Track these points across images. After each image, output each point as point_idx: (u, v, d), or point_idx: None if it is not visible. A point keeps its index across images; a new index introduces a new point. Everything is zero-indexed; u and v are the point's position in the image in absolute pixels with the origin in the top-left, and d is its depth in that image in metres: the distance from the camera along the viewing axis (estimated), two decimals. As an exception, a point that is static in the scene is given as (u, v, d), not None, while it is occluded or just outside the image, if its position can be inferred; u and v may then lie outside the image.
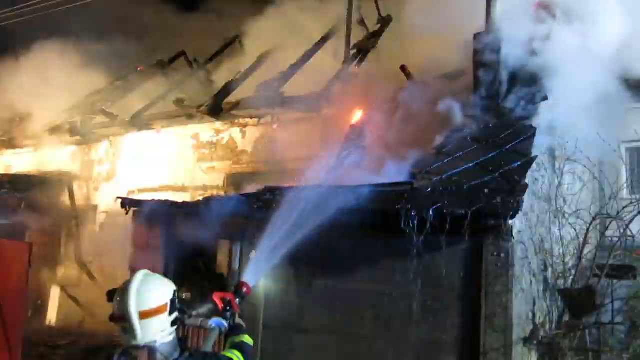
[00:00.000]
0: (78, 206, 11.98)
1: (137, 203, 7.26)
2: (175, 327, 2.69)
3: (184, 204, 6.81)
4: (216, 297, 3.30)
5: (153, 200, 7.23)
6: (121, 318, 2.59)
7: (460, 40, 6.33)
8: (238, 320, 3.29)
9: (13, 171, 14.09)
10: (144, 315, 2.57)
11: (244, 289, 3.45)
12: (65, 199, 11.97)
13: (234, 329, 3.19)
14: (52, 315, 11.29)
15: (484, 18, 6.31)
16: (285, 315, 5.86)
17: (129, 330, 2.57)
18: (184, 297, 6.87)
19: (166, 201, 7.08)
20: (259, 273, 3.69)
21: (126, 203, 7.27)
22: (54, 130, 13.36)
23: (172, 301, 2.67)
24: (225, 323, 3.18)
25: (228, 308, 3.25)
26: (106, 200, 11.83)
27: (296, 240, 4.18)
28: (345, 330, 5.57)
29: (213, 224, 6.27)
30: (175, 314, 2.69)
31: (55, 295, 11.36)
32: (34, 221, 12.50)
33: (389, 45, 7.41)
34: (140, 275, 2.69)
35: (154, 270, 2.78)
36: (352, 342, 5.51)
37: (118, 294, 2.64)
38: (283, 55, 10.48)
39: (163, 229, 7.01)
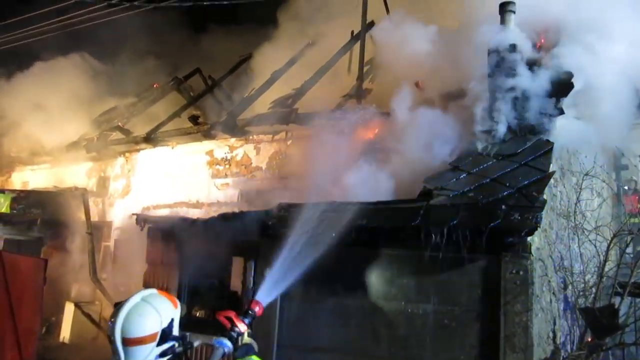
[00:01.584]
0: (93, 222, 12.03)
1: (151, 219, 7.28)
2: (167, 357, 2.59)
3: (198, 220, 6.79)
4: (220, 316, 3.20)
5: (167, 216, 7.26)
6: (109, 340, 2.56)
7: (474, 54, 6.28)
8: (248, 339, 3.17)
9: (30, 187, 14.25)
10: (128, 342, 2.51)
11: (256, 308, 3.32)
12: (80, 215, 12.04)
13: (242, 350, 3.07)
14: (65, 332, 11.28)
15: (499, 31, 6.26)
16: (300, 334, 5.78)
17: (115, 353, 2.54)
18: (197, 314, 6.84)
19: (180, 217, 7.08)
20: (273, 292, 3.57)
21: (141, 219, 7.30)
22: (71, 146, 13.53)
23: (165, 331, 2.58)
24: (228, 344, 3.04)
25: (235, 328, 3.13)
26: (121, 216, 11.89)
27: (311, 258, 4.10)
28: (360, 349, 5.47)
29: (227, 241, 6.25)
30: (168, 344, 2.59)
31: (69, 311, 11.36)
32: (49, 237, 12.60)
33: (403, 59, 7.38)
34: (138, 297, 2.62)
35: (168, 288, 2.73)
36: (368, 362, 5.41)
37: (111, 315, 2.60)
38: (297, 71, 10.52)
39: (177, 246, 7.01)
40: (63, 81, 14.78)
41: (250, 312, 3.28)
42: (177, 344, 2.65)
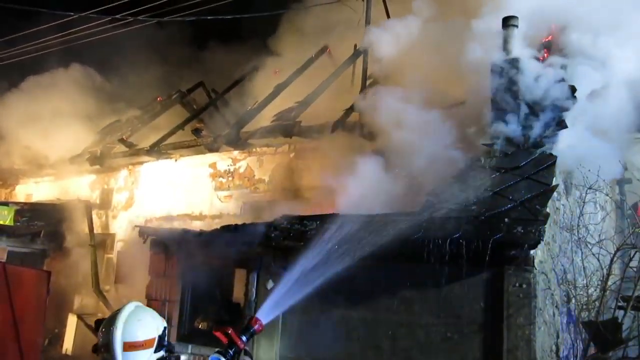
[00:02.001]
0: (96, 234, 12.06)
1: (155, 231, 7.30)
2: None
3: (201, 232, 6.82)
4: (218, 332, 3.14)
5: (170, 228, 7.28)
6: (105, 348, 2.50)
7: (476, 67, 6.33)
8: (245, 358, 3.11)
9: (33, 199, 14.30)
10: (129, 347, 2.48)
11: (256, 326, 3.20)
12: (84, 227, 12.07)
13: None
14: (68, 344, 11.25)
15: (501, 47, 6.32)
16: (302, 345, 5.77)
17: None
18: (200, 326, 6.83)
19: (183, 230, 7.11)
20: (275, 310, 3.50)
21: (144, 231, 7.32)
22: (74, 159, 13.59)
23: (161, 337, 2.58)
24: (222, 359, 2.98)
25: (232, 344, 3.05)
26: (124, 228, 11.92)
27: (314, 278, 4.06)
28: (362, 362, 5.46)
29: (230, 253, 6.26)
30: (161, 353, 2.59)
31: (72, 323, 11.34)
32: (53, 249, 12.63)
33: (407, 72, 7.44)
34: (132, 305, 2.62)
35: (170, 299, 2.74)
36: (370, 375, 5.39)
37: (104, 324, 2.56)
38: (300, 84, 10.59)
39: (180, 258, 7.02)
40: (67, 95, 14.90)
41: (249, 329, 3.20)
42: (170, 352, 2.67)
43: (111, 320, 2.55)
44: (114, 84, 15.08)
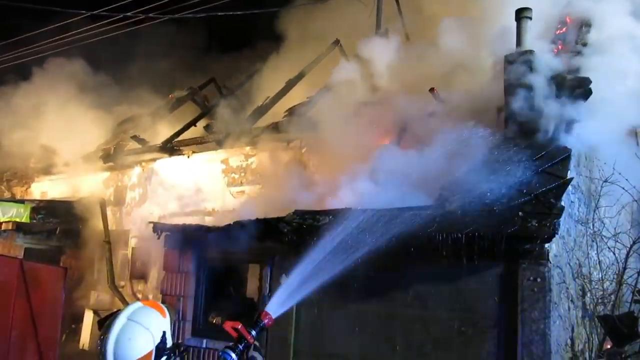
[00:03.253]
0: (111, 231, 12.17)
1: (168, 228, 7.34)
2: None
3: (214, 228, 6.84)
4: (227, 327, 3.09)
5: (184, 224, 7.31)
6: None
7: (490, 60, 6.28)
8: (253, 353, 3.05)
9: (48, 197, 14.46)
10: None
11: (266, 320, 3.16)
12: (98, 223, 12.19)
13: None
14: (85, 339, 11.40)
15: (515, 38, 6.26)
16: (316, 340, 5.79)
17: None
18: (214, 322, 6.88)
19: (197, 225, 7.14)
20: (285, 304, 3.46)
21: (157, 228, 7.36)
22: (88, 156, 13.71)
23: (159, 346, 2.49)
24: (233, 355, 2.94)
25: (242, 339, 3.01)
26: (138, 224, 12.00)
27: (325, 272, 4.04)
28: (376, 356, 5.47)
29: (243, 248, 6.29)
30: (164, 359, 2.52)
31: (88, 319, 11.49)
32: (68, 246, 12.77)
33: (419, 66, 7.41)
34: (124, 318, 2.48)
35: (185, 295, 2.67)
36: (384, 369, 5.40)
37: (100, 337, 2.47)
38: (312, 79, 10.58)
39: (194, 254, 7.07)
40: (79, 92, 15.03)
41: (259, 323, 3.15)
42: (173, 355, 2.58)
43: (103, 338, 2.44)
44: (125, 81, 15.17)
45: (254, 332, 3.08)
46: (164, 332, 2.54)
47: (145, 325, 2.48)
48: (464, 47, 6.80)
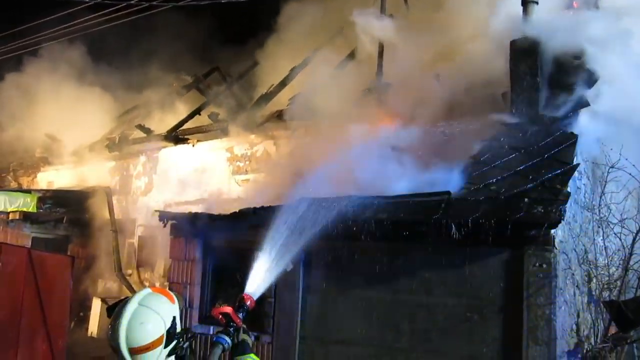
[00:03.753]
0: (117, 220, 12.24)
1: (174, 216, 7.36)
2: (174, 355, 2.56)
3: (220, 216, 6.87)
4: (216, 312, 3.14)
5: (189, 213, 7.33)
6: (114, 350, 2.49)
7: (496, 46, 6.23)
8: (243, 335, 3.09)
9: (55, 187, 14.53)
10: (135, 351, 2.46)
11: (248, 302, 3.23)
12: (105, 212, 12.26)
13: (238, 347, 3.01)
14: (93, 327, 11.51)
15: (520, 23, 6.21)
16: (322, 327, 5.83)
17: None
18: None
19: (202, 214, 7.16)
20: (262, 284, 3.49)
21: (163, 216, 7.38)
22: (93, 146, 13.76)
23: (169, 331, 2.53)
24: (227, 339, 2.99)
25: (231, 323, 3.06)
26: (144, 213, 12.06)
27: (300, 248, 4.04)
28: (382, 342, 5.50)
29: (249, 236, 6.30)
30: (174, 343, 2.55)
31: (96, 307, 11.60)
32: (75, 235, 12.87)
33: (423, 52, 7.35)
34: (134, 303, 2.53)
35: (191, 283, 2.69)
36: (389, 355, 5.44)
37: (110, 323, 2.52)
38: (316, 66, 10.53)
39: (200, 242, 7.10)
40: (84, 82, 15.04)
41: (243, 306, 3.21)
42: (182, 340, 2.61)
43: (115, 323, 2.48)
44: (130, 70, 15.16)
45: (240, 316, 3.14)
46: (174, 317, 2.59)
47: (156, 310, 2.53)
48: (470, 32, 6.74)
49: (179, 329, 2.60)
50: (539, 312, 4.78)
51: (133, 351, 2.46)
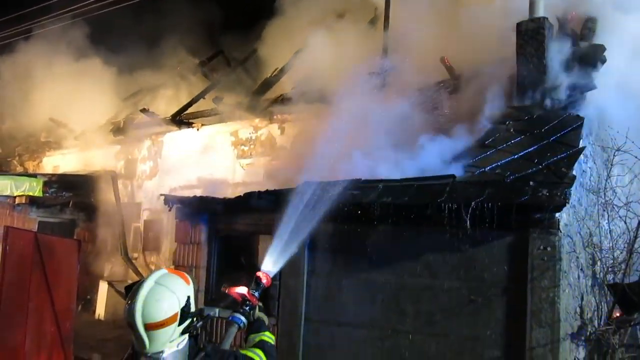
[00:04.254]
0: (123, 203, 12.31)
1: (179, 200, 7.39)
2: (188, 333, 2.60)
3: (225, 200, 6.89)
4: (232, 292, 3.17)
5: (194, 197, 7.35)
6: (130, 326, 2.55)
7: (503, 29, 6.17)
8: (259, 314, 3.13)
9: (60, 171, 14.59)
10: (150, 327, 2.51)
11: (264, 280, 3.26)
12: (110, 196, 12.32)
13: (254, 325, 3.06)
14: (100, 310, 11.64)
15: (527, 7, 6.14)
16: (326, 309, 5.87)
17: (138, 339, 2.54)
18: (226, 292, 6.97)
19: (207, 197, 7.18)
20: (279, 262, 3.51)
21: (168, 200, 7.41)
22: (98, 130, 13.78)
23: (184, 309, 2.57)
24: (243, 318, 3.04)
25: (247, 302, 3.10)
26: (149, 197, 12.12)
27: (313, 228, 4.05)
28: (386, 324, 5.53)
29: (253, 219, 6.33)
30: (188, 322, 2.60)
31: (103, 290, 11.71)
32: (81, 219, 12.95)
33: (429, 36, 7.29)
34: (151, 281, 2.59)
35: (197, 266, 2.71)
36: (394, 337, 5.47)
37: (128, 300, 2.58)
38: (321, 50, 10.46)
39: (205, 225, 7.13)
40: (89, 66, 15.01)
41: (259, 285, 3.24)
42: (196, 319, 2.65)
43: (132, 300, 2.54)
44: (135, 54, 15.12)
45: (256, 294, 3.18)
46: (188, 297, 2.64)
47: (171, 289, 2.59)
48: (476, 15, 6.67)
49: (193, 309, 2.65)
50: (543, 294, 4.79)
51: (148, 327, 2.51)
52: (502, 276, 5.04)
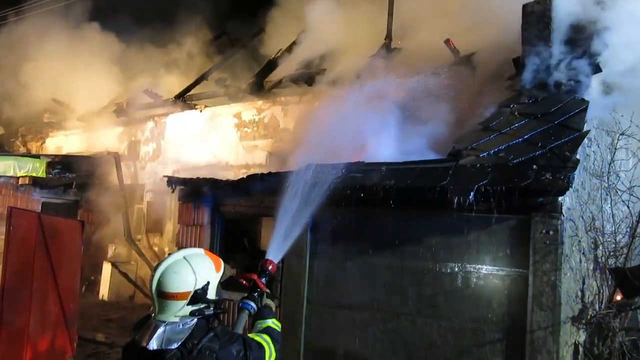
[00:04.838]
0: (126, 185, 12.33)
1: (182, 181, 7.39)
2: (195, 318, 2.62)
3: (228, 182, 6.89)
4: (241, 278, 3.24)
5: (197, 178, 7.35)
6: (149, 287, 2.69)
7: (507, 12, 6.10)
8: (267, 300, 3.18)
9: (63, 152, 14.61)
10: (161, 295, 2.61)
11: (270, 267, 3.31)
12: (113, 178, 12.35)
13: (261, 312, 3.10)
14: (104, 291, 11.75)
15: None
16: (329, 291, 5.90)
17: (152, 300, 2.67)
18: (229, 274, 7.02)
19: (210, 179, 7.18)
20: (283, 249, 3.54)
21: (171, 182, 7.42)
22: (101, 111, 13.75)
23: (198, 292, 2.61)
24: (253, 304, 3.10)
25: (257, 289, 3.16)
26: (152, 179, 12.14)
27: (317, 211, 4.07)
28: (388, 307, 5.56)
29: (256, 202, 6.34)
30: (199, 306, 2.61)
31: (106, 271, 11.80)
32: (85, 200, 13.00)
33: (434, 18, 7.22)
34: (181, 254, 2.68)
35: (198, 247, 2.72)
36: (396, 320, 5.51)
37: (155, 265, 2.71)
38: (325, 31, 10.37)
39: (208, 207, 7.14)
40: (92, 46, 14.93)
41: (266, 271, 3.29)
42: (209, 307, 2.66)
43: (158, 264, 2.68)
44: (138, 34, 15.02)
45: (264, 280, 3.24)
46: (208, 282, 2.67)
47: (194, 268, 2.65)
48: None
49: (211, 296, 2.68)
50: (545, 278, 4.80)
51: (159, 294, 2.61)
52: (504, 259, 5.05)
